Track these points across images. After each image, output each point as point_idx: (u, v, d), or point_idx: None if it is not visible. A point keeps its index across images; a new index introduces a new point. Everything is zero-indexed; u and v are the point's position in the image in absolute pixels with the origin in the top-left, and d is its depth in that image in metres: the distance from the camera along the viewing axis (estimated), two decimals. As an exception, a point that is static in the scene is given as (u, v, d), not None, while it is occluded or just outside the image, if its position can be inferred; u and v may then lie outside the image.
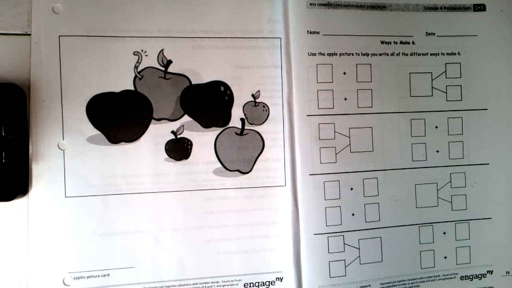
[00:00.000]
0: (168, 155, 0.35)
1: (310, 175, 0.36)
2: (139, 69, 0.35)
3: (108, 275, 0.34)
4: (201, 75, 0.35)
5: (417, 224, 0.38)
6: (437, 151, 0.38)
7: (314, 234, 0.36)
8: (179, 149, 0.35)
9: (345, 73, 0.37)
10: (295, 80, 0.36)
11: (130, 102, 0.34)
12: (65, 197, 0.33)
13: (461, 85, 0.39)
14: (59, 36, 0.33)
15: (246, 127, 0.36)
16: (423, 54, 0.38)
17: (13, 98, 0.32)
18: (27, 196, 0.33)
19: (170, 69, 0.35)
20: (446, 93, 0.38)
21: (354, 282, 0.36)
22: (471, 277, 0.39)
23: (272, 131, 0.36)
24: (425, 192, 0.38)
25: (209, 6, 0.36)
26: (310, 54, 0.36)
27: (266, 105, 0.36)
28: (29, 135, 0.33)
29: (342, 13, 0.37)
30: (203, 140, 0.35)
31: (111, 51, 0.34)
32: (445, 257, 0.38)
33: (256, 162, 0.36)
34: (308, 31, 0.36)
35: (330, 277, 0.36)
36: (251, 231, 0.36)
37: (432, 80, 0.38)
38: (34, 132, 0.33)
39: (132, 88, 0.34)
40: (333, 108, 0.37)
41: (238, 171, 0.36)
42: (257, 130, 0.36)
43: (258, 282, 0.36)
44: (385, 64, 0.37)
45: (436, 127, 0.38)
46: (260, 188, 0.36)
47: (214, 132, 0.36)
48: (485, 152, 0.39)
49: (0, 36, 0.33)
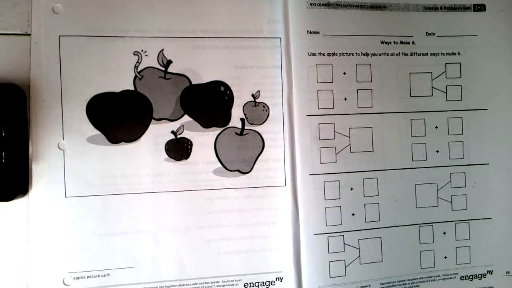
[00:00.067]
0: (168, 155, 0.35)
1: (310, 175, 0.36)
2: (139, 69, 0.35)
3: (108, 275, 0.34)
4: (201, 75, 0.35)
5: (417, 224, 0.38)
6: (437, 151, 0.38)
7: (314, 234, 0.36)
8: (179, 149, 0.35)
9: (345, 73, 0.37)
10: (295, 80, 0.36)
11: (130, 102, 0.34)
12: (65, 197, 0.33)
13: (461, 85, 0.39)
14: (59, 36, 0.33)
15: (246, 127, 0.36)
16: (423, 54, 0.38)
17: (13, 98, 0.32)
18: (27, 196, 0.33)
19: (170, 69, 0.35)
20: (446, 93, 0.38)
21: (354, 282, 0.36)
22: (471, 277, 0.39)
23: (272, 131, 0.36)
24: (425, 192, 0.38)
25: (209, 6, 0.36)
26: (310, 54, 0.36)
27: (266, 105, 0.36)
28: (29, 135, 0.33)
29: (342, 13, 0.37)
30: (203, 140, 0.35)
31: (111, 51, 0.34)
32: (445, 257, 0.38)
33: (256, 162, 0.36)
34: (308, 31, 0.36)
35: (330, 277, 0.36)
36: (251, 231, 0.36)
37: (432, 80, 0.38)
38: (34, 132, 0.33)
39: (132, 88, 0.34)
40: (333, 108, 0.37)
41: (238, 171, 0.36)
42: (257, 130, 0.36)
43: (258, 282, 0.36)
44: (385, 64, 0.37)
45: (436, 127, 0.38)
46: (260, 188, 0.36)
47: (214, 132, 0.36)
48: (485, 152, 0.39)
49: (0, 36, 0.33)
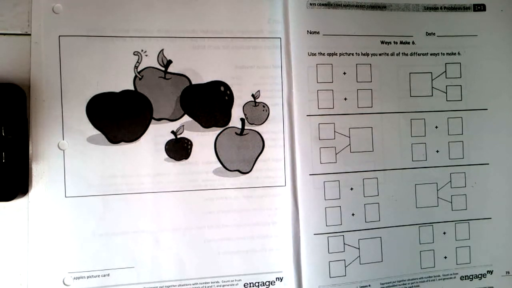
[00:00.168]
0: (168, 155, 0.35)
1: (310, 175, 0.36)
2: (139, 69, 0.35)
3: (108, 275, 0.34)
4: (201, 75, 0.35)
5: (417, 224, 0.38)
6: (437, 151, 0.38)
7: (314, 234, 0.36)
8: (179, 149, 0.35)
9: (345, 73, 0.37)
10: (295, 80, 0.36)
11: (130, 102, 0.34)
12: (65, 197, 0.33)
13: (461, 85, 0.39)
14: (59, 36, 0.33)
15: (246, 127, 0.36)
16: (423, 54, 0.38)
17: (13, 98, 0.32)
18: (27, 196, 0.33)
19: (170, 69, 0.35)
20: (446, 93, 0.38)
21: (354, 282, 0.36)
22: (471, 277, 0.39)
23: (272, 131, 0.36)
24: (425, 192, 0.38)
25: (209, 6, 0.36)
26: (310, 54, 0.36)
27: (266, 105, 0.36)
28: (29, 135, 0.33)
29: (342, 13, 0.37)
30: (203, 140, 0.35)
31: (111, 51, 0.34)
32: (445, 257, 0.38)
33: (256, 162, 0.36)
34: (308, 31, 0.36)
35: (330, 277, 0.36)
36: (251, 231, 0.36)
37: (432, 80, 0.38)
38: (34, 132, 0.33)
39: (132, 88, 0.34)
40: (333, 108, 0.37)
41: (238, 171, 0.36)
42: (257, 130, 0.36)
43: (258, 282, 0.36)
44: (385, 64, 0.37)
45: (436, 127, 0.38)
46: (260, 188, 0.36)
47: (214, 132, 0.36)
48: (485, 152, 0.39)
49: (0, 36, 0.33)
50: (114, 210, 0.34)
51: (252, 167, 0.36)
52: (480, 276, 0.39)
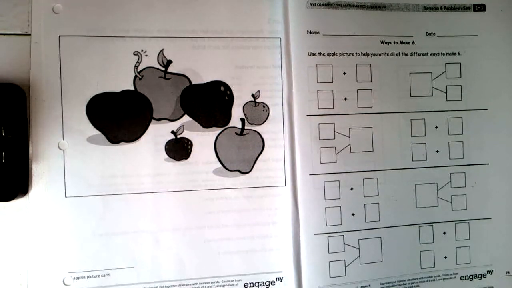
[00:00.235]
0: (168, 155, 0.35)
1: (310, 175, 0.36)
2: (139, 69, 0.35)
3: (108, 275, 0.34)
4: (201, 75, 0.35)
5: (417, 224, 0.38)
6: (437, 151, 0.38)
7: (314, 234, 0.36)
8: (179, 149, 0.35)
9: (345, 73, 0.37)
10: (295, 80, 0.36)
11: (130, 102, 0.34)
12: (65, 197, 0.33)
13: (461, 85, 0.39)
14: (59, 36, 0.33)
15: (246, 127, 0.36)
16: (423, 54, 0.38)
17: (13, 98, 0.32)
18: (27, 196, 0.33)
19: (170, 69, 0.35)
20: (446, 93, 0.38)
21: (354, 282, 0.36)
22: (471, 277, 0.39)
23: (272, 131, 0.36)
24: (425, 192, 0.38)
25: (209, 6, 0.36)
26: (310, 54, 0.36)
27: (266, 105, 0.36)
28: (29, 135, 0.33)
29: (342, 13, 0.37)
30: (203, 140, 0.35)
31: (111, 51, 0.34)
32: (445, 257, 0.38)
33: (256, 162, 0.36)
34: (308, 31, 0.36)
35: (330, 277, 0.36)
36: (251, 231, 0.36)
37: (432, 80, 0.38)
38: (34, 132, 0.33)
39: (132, 88, 0.34)
40: (333, 108, 0.37)
41: (238, 171, 0.36)
42: (257, 130, 0.36)
43: (258, 282, 0.36)
44: (385, 64, 0.37)
45: (436, 127, 0.38)
46: (260, 188, 0.36)
47: (214, 132, 0.36)
48: (485, 152, 0.39)
49: (0, 36, 0.33)
50: (114, 210, 0.34)
51: (252, 167, 0.36)
52: (480, 276, 0.39)
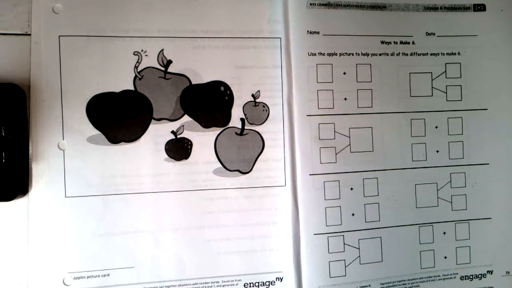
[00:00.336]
0: (168, 155, 0.35)
1: (310, 175, 0.36)
2: (139, 69, 0.35)
3: (108, 275, 0.34)
4: (201, 75, 0.35)
5: (417, 224, 0.38)
6: (437, 151, 0.38)
7: (314, 234, 0.36)
8: (179, 149, 0.35)
9: (345, 73, 0.37)
10: (295, 80, 0.36)
11: (130, 102, 0.34)
12: (65, 197, 0.33)
13: (461, 85, 0.39)
14: (59, 36, 0.33)
15: (246, 127, 0.36)
16: (423, 54, 0.38)
17: (13, 98, 0.32)
18: (27, 196, 0.33)
19: (170, 69, 0.35)
20: (446, 93, 0.38)
21: (354, 282, 0.36)
22: (471, 277, 0.39)
23: (272, 131, 0.36)
24: (425, 192, 0.38)
25: (209, 6, 0.36)
26: (310, 54, 0.36)
27: (266, 105, 0.36)
28: (29, 135, 0.33)
29: (342, 13, 0.37)
30: (203, 140, 0.35)
31: (111, 51, 0.34)
32: (445, 257, 0.38)
33: (256, 162, 0.36)
34: (308, 31, 0.36)
35: (330, 277, 0.36)
36: (251, 231, 0.36)
37: (432, 80, 0.38)
38: (34, 132, 0.33)
39: (132, 88, 0.34)
40: (333, 108, 0.37)
41: (238, 171, 0.36)
42: (257, 130, 0.36)
43: (258, 282, 0.36)
44: (385, 64, 0.37)
45: (436, 127, 0.38)
46: (260, 188, 0.36)
47: (214, 132, 0.36)
48: (485, 152, 0.39)
49: (0, 36, 0.33)
50: (114, 210, 0.34)
51: (252, 167, 0.36)
52: (480, 276, 0.39)
